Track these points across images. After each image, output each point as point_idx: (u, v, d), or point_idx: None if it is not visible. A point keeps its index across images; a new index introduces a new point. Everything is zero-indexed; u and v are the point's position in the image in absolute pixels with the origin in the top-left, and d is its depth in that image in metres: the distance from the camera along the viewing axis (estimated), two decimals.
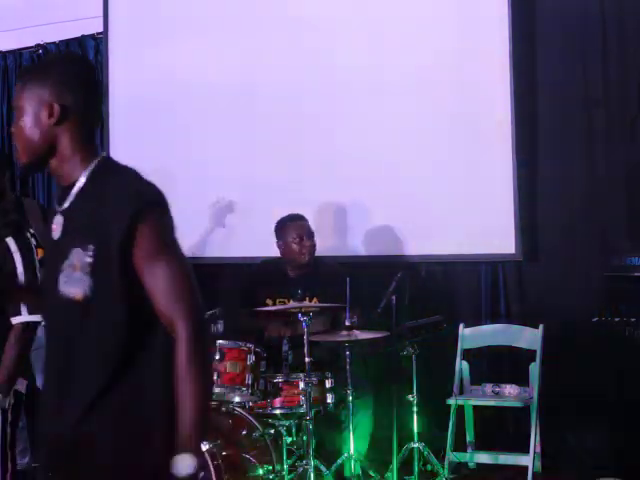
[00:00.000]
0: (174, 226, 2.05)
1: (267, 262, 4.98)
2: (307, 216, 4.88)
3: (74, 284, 2.00)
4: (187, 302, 1.98)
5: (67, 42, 6.39)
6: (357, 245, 5.37)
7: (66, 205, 2.08)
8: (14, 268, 3.40)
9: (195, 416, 1.93)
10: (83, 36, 6.34)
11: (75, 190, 2.07)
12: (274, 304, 4.73)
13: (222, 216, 5.64)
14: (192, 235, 5.51)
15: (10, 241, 3.45)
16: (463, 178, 5.06)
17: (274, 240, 4.87)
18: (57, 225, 2.10)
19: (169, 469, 1.92)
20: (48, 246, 2.17)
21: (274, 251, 4.96)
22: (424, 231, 5.15)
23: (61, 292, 2.02)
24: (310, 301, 4.63)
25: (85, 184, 2.06)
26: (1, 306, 3.33)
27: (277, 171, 5.44)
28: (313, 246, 4.78)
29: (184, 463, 1.91)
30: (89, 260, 1.98)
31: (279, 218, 4.86)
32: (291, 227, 4.78)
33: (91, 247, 1.97)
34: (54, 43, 6.42)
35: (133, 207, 1.96)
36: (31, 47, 6.52)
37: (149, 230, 1.97)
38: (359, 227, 5.34)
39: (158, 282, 1.98)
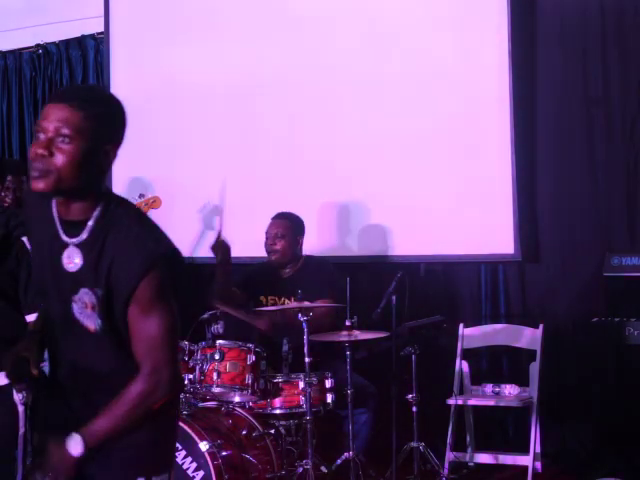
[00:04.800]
0: (178, 278, 2.11)
1: (262, 262, 4.97)
2: (307, 216, 4.89)
3: (87, 318, 2.11)
4: (165, 353, 2.08)
5: (67, 42, 6.39)
6: (357, 245, 5.36)
7: (78, 239, 2.11)
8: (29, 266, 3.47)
9: (109, 427, 2.06)
10: (83, 36, 6.34)
11: (89, 225, 2.10)
12: (267, 302, 4.74)
13: (211, 219, 5.60)
14: (192, 235, 5.50)
15: (26, 240, 3.52)
16: (463, 178, 5.06)
17: None
18: (70, 258, 2.12)
19: None
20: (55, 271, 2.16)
21: None
22: (424, 231, 5.15)
23: (75, 319, 2.12)
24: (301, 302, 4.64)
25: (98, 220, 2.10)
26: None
27: (277, 171, 5.44)
28: (277, 246, 4.74)
29: (76, 445, 2.03)
30: (96, 302, 2.08)
31: None
32: (269, 224, 4.82)
33: (99, 292, 2.07)
34: (54, 43, 6.43)
35: (144, 267, 2.03)
36: (31, 47, 6.52)
37: (150, 288, 2.04)
38: (359, 227, 5.33)
39: (145, 330, 2.07)
